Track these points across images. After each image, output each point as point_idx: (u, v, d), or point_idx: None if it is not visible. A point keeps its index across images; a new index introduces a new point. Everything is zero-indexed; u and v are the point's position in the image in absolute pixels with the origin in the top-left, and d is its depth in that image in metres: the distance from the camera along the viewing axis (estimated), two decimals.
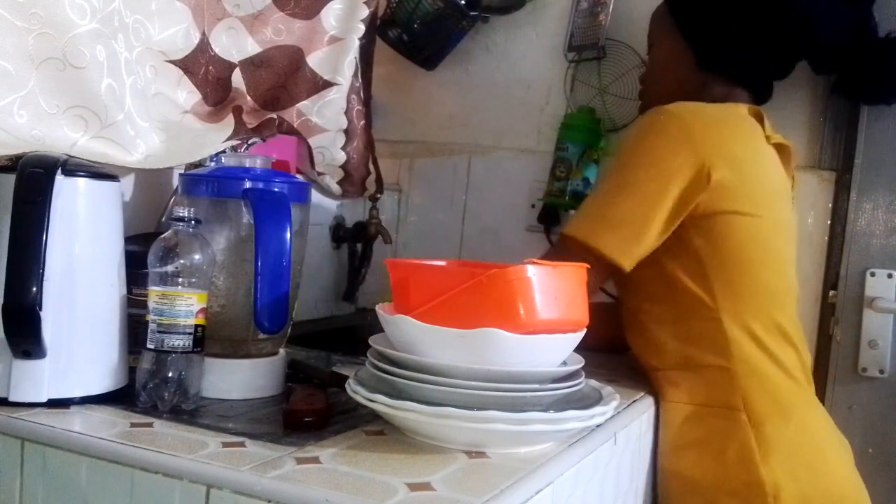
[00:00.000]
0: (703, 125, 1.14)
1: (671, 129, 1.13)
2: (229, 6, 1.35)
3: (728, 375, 1.12)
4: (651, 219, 1.10)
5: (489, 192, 1.82)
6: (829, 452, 1.16)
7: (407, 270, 0.87)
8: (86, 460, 0.76)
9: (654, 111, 1.16)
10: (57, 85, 1.00)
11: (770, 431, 1.10)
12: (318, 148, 1.57)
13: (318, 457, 0.76)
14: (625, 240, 1.11)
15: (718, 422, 1.12)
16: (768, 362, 1.14)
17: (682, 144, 1.11)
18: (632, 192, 1.12)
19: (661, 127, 1.14)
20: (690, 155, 1.10)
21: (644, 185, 1.11)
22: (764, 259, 1.16)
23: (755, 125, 1.22)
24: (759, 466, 1.08)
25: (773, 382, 1.13)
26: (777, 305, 1.17)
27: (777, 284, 1.18)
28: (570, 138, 1.64)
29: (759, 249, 1.15)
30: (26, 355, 0.83)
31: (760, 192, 1.16)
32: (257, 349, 0.98)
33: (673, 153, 1.11)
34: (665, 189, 1.10)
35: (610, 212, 1.12)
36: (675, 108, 1.16)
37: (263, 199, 0.93)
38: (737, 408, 1.12)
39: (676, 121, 1.13)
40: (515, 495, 0.71)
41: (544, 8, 1.75)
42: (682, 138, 1.12)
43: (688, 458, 1.14)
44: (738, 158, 1.13)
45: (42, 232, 0.82)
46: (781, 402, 1.13)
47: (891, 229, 1.51)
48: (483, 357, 0.80)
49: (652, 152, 1.12)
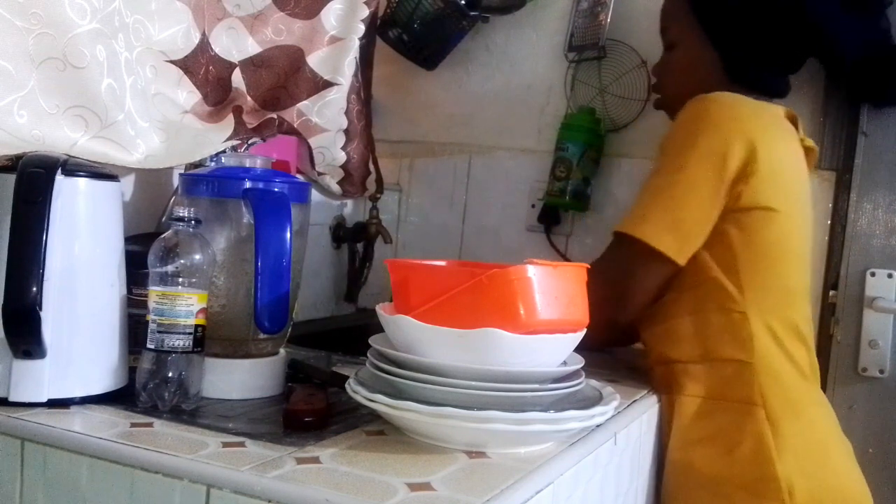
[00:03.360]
0: (752, 111, 1.16)
1: (721, 113, 1.14)
2: (229, 6, 1.35)
3: (748, 370, 1.12)
4: (710, 215, 1.12)
5: (489, 192, 1.82)
6: (835, 450, 1.17)
7: (407, 270, 0.87)
8: (86, 460, 0.76)
9: (698, 99, 1.16)
10: (57, 85, 1.00)
11: (784, 427, 1.10)
12: (318, 148, 1.57)
13: (318, 457, 0.76)
14: (685, 239, 1.11)
15: (734, 416, 1.12)
16: (784, 359, 1.14)
17: (733, 129, 1.12)
18: (690, 187, 1.12)
19: (709, 113, 1.14)
20: (741, 136, 1.11)
21: (702, 179, 1.11)
22: (790, 258, 1.17)
23: (791, 127, 1.23)
24: (775, 462, 1.08)
25: (788, 379, 1.14)
26: (795, 304, 1.18)
27: (796, 283, 1.19)
28: (571, 138, 1.64)
29: (787, 247, 1.16)
30: (26, 355, 0.83)
31: (795, 191, 1.18)
32: (257, 349, 0.98)
33: (724, 138, 1.11)
34: (720, 179, 1.11)
35: (670, 210, 1.12)
36: (721, 95, 1.16)
37: (263, 199, 0.93)
38: (754, 402, 1.11)
39: (725, 107, 1.14)
40: (515, 495, 0.71)
41: (544, 8, 1.75)
42: (733, 122, 1.13)
43: (700, 452, 1.14)
44: (779, 153, 1.15)
45: (42, 232, 0.82)
46: (793, 399, 1.13)
47: (891, 229, 1.51)
48: (483, 357, 0.80)
49: (704, 140, 1.12)
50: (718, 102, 1.15)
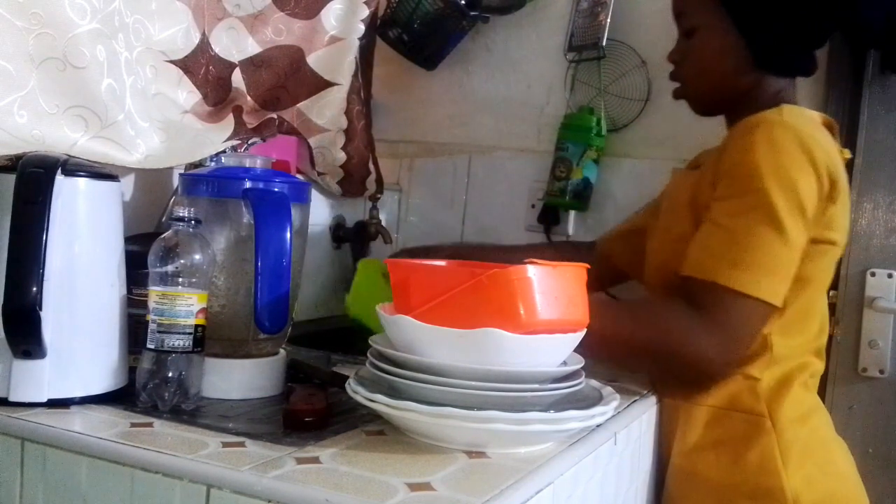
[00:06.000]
0: (817, 142, 1.08)
1: (793, 145, 1.06)
2: (229, 6, 1.35)
3: (758, 385, 1.11)
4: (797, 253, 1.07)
5: (489, 192, 1.82)
6: (836, 454, 1.16)
7: (407, 270, 0.87)
8: (86, 460, 0.76)
9: (763, 124, 1.09)
10: (57, 85, 1.00)
11: (790, 437, 1.09)
12: (318, 148, 1.57)
13: (318, 457, 0.76)
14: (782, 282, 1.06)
15: (741, 426, 1.11)
16: (798, 377, 1.13)
17: (807, 163, 1.06)
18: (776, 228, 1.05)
19: (781, 143, 1.06)
20: (814, 173, 1.06)
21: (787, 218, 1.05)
22: (825, 283, 1.15)
23: (834, 142, 1.17)
24: (781, 473, 1.08)
25: (797, 393, 1.13)
26: (821, 324, 1.17)
27: (824, 303, 1.18)
28: (570, 138, 1.64)
29: (826, 274, 1.14)
30: (26, 355, 0.83)
31: (845, 221, 1.14)
32: (257, 349, 0.98)
33: (801, 172, 1.05)
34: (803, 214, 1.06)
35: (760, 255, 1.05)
36: (786, 120, 1.09)
37: (263, 199, 0.93)
38: (761, 414, 1.10)
39: (794, 136, 1.07)
40: (515, 495, 0.71)
41: (544, 8, 1.75)
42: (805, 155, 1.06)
43: (706, 459, 1.13)
44: (841, 185, 1.10)
45: (42, 232, 0.82)
46: (800, 410, 1.12)
47: (891, 229, 1.51)
48: (483, 357, 0.80)
49: (782, 173, 1.05)
50: (789, 130, 1.07)
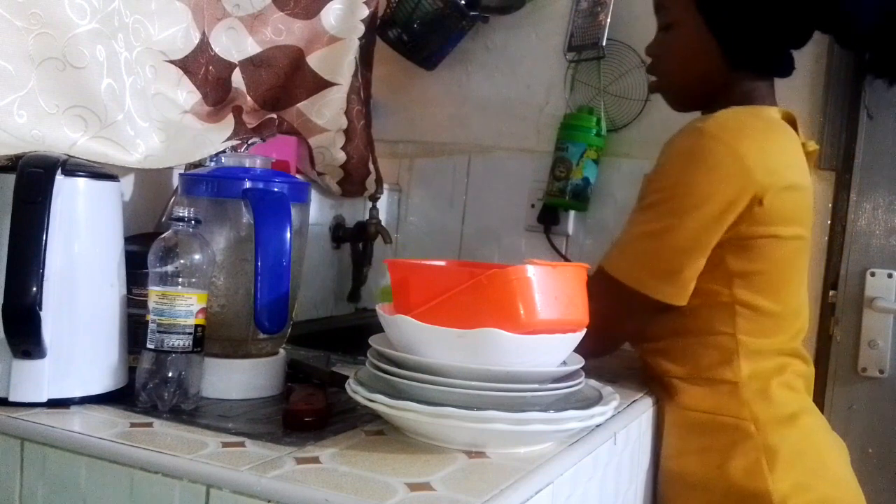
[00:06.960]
0: (756, 150, 1.06)
1: (720, 158, 1.04)
2: (229, 6, 1.35)
3: (738, 390, 1.11)
4: (701, 260, 1.07)
5: (489, 192, 1.82)
6: (829, 457, 1.15)
7: (407, 270, 0.87)
8: (85, 460, 0.76)
9: (694, 132, 1.08)
10: (57, 85, 1.00)
11: (776, 441, 1.09)
12: (318, 148, 1.57)
13: (318, 457, 0.76)
14: (680, 285, 1.07)
15: (726, 431, 1.11)
16: (777, 378, 1.13)
17: (734, 176, 1.04)
18: (681, 234, 1.05)
19: (707, 155, 1.05)
20: (743, 186, 1.04)
21: (694, 230, 1.05)
22: (791, 279, 1.14)
23: (794, 136, 1.16)
24: (767, 477, 1.07)
25: (781, 396, 1.12)
26: (795, 323, 1.16)
27: (797, 302, 1.17)
28: (570, 138, 1.64)
29: (789, 269, 1.13)
30: (26, 355, 0.83)
31: (801, 213, 1.13)
32: (257, 349, 0.98)
33: (724, 187, 1.04)
34: (717, 228, 1.05)
35: (657, 257, 1.06)
36: (718, 129, 1.07)
37: (263, 199, 0.93)
38: (744, 418, 1.10)
39: (724, 147, 1.05)
40: (515, 495, 0.71)
41: (544, 8, 1.75)
42: (734, 168, 1.04)
43: (692, 464, 1.13)
44: (788, 183, 1.08)
45: (42, 232, 0.82)
46: (787, 414, 1.12)
47: (891, 229, 1.51)
48: (483, 357, 0.80)
49: (700, 187, 1.05)
50: (720, 142, 1.05)
